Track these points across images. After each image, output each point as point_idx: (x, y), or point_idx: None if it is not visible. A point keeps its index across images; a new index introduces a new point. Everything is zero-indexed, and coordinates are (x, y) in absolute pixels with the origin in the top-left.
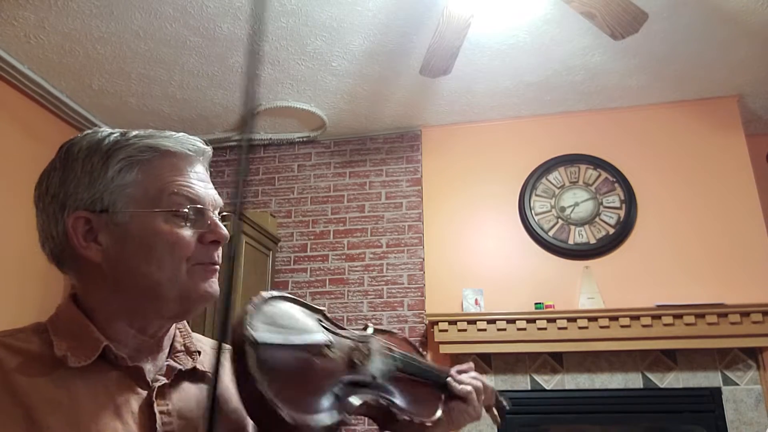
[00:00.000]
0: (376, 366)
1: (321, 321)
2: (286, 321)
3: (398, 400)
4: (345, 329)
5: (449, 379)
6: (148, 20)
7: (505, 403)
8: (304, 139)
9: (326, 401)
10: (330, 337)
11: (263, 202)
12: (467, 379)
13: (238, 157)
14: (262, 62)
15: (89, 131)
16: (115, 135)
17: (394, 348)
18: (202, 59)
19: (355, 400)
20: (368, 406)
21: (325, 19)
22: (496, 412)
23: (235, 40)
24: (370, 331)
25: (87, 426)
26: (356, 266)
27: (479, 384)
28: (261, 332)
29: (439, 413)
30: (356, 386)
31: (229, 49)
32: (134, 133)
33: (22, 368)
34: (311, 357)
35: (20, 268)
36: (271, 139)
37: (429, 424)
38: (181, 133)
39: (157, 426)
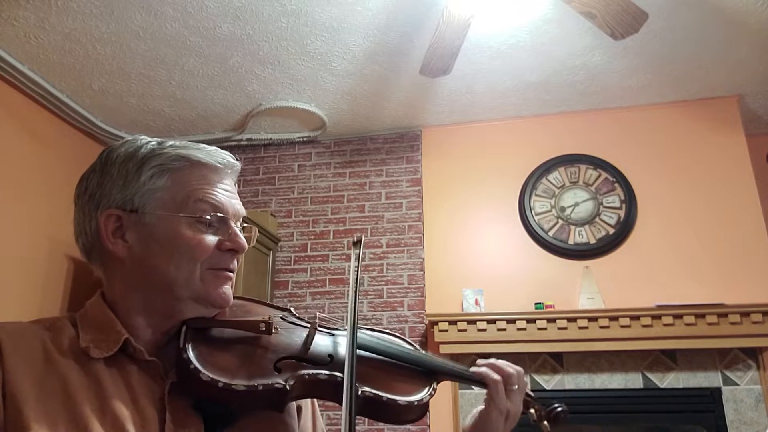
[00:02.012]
0: (332, 347)
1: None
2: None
3: (362, 380)
4: (303, 320)
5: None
6: (148, 20)
7: (559, 408)
8: (304, 139)
9: (265, 371)
10: (274, 318)
11: (263, 202)
12: (484, 364)
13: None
14: (262, 62)
15: (130, 138)
16: (152, 144)
17: (366, 333)
18: (202, 59)
19: (299, 372)
20: (317, 380)
21: (325, 19)
22: (545, 421)
23: (235, 40)
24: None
25: (109, 407)
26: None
27: (507, 369)
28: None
29: (419, 396)
30: (302, 361)
31: (229, 49)
32: (170, 143)
33: (60, 351)
34: (247, 334)
35: (21, 266)
36: (271, 139)
37: (403, 403)
38: (213, 147)
39: (166, 421)
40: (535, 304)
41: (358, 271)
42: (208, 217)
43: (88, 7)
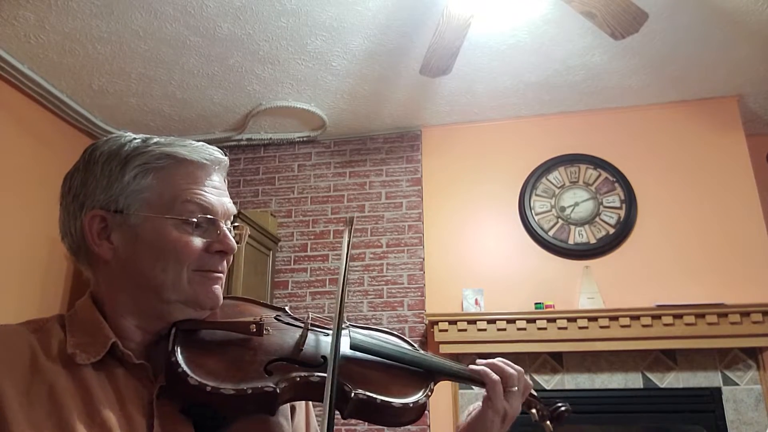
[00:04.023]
0: (325, 348)
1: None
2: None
3: (356, 381)
4: (299, 320)
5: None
6: (148, 20)
7: (562, 407)
8: (304, 139)
9: (255, 374)
10: (267, 319)
11: (263, 202)
12: (484, 363)
13: (237, 157)
14: (262, 62)
15: (114, 135)
16: (136, 141)
17: (361, 333)
18: (202, 59)
19: (290, 375)
20: (308, 382)
21: (325, 19)
22: (548, 421)
23: (235, 40)
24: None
25: (97, 413)
26: (356, 266)
27: (507, 370)
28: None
29: (415, 397)
30: (294, 363)
31: (229, 49)
32: (155, 140)
33: (47, 355)
34: (238, 336)
35: (20, 266)
36: (271, 139)
37: (397, 404)
38: (200, 143)
39: (154, 425)
40: (535, 304)
41: (348, 251)
42: (195, 219)
43: (88, 7)
